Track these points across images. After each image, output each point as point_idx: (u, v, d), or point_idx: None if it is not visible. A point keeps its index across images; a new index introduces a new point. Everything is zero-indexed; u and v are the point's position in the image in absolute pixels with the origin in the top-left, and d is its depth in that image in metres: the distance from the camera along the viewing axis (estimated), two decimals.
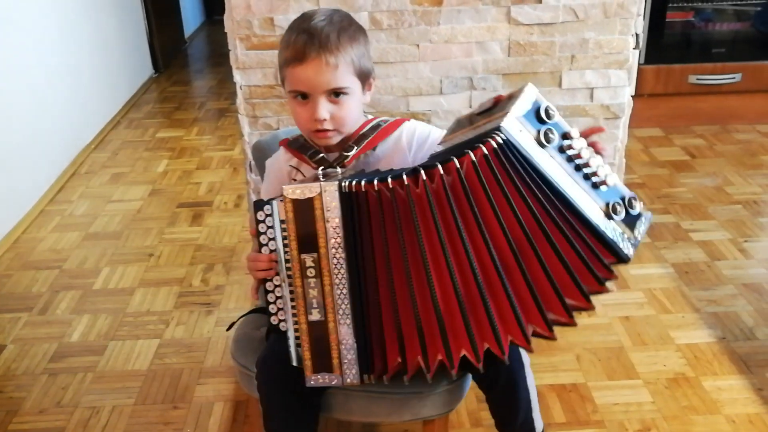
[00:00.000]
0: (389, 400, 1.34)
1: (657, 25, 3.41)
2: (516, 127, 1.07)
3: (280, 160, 1.38)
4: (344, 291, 1.17)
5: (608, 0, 1.91)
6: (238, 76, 1.95)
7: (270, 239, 1.21)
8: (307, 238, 1.15)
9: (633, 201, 1.16)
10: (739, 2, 3.62)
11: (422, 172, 1.07)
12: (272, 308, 1.24)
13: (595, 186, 1.14)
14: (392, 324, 1.15)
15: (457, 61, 1.97)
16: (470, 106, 2.01)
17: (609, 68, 1.99)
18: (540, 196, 1.07)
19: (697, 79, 3.47)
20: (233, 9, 1.88)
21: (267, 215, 1.19)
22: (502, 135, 1.05)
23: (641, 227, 1.17)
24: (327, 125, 1.23)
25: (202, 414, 1.82)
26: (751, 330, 2.05)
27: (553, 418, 1.75)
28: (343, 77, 1.21)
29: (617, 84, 2.01)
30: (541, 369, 1.91)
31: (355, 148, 1.29)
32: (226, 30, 1.91)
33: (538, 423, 1.36)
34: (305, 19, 1.23)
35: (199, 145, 3.67)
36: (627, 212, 1.16)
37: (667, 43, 3.49)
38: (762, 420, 1.72)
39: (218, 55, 5.55)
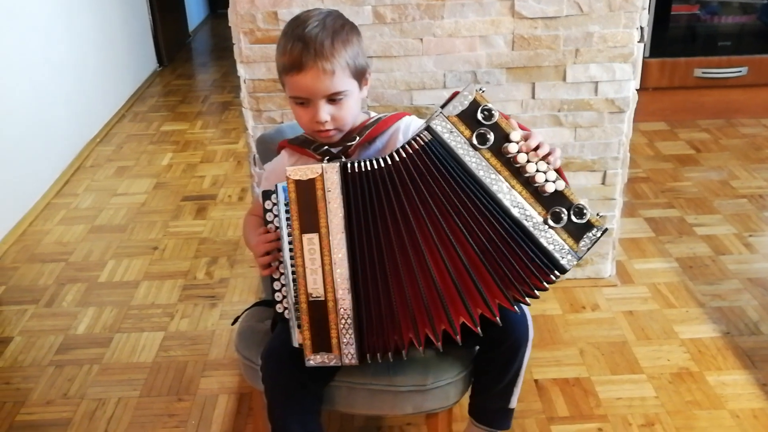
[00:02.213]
0: (392, 394, 1.34)
1: (662, 19, 3.39)
2: (446, 128, 1.15)
3: (283, 162, 1.40)
4: (344, 270, 1.19)
5: None
6: (242, 70, 1.95)
7: (277, 227, 1.23)
8: (308, 218, 1.18)
9: (581, 211, 1.16)
10: None
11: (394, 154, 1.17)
12: (278, 296, 1.26)
13: (536, 190, 1.16)
14: (390, 302, 1.19)
15: (461, 55, 1.96)
16: None
17: (614, 62, 1.99)
18: (468, 193, 1.15)
19: (703, 73, 3.46)
20: (237, 3, 1.88)
21: (274, 204, 1.23)
22: (427, 134, 1.15)
23: (588, 239, 1.17)
24: (328, 126, 1.27)
25: (206, 406, 1.83)
26: (755, 325, 2.05)
27: (557, 412, 1.76)
28: (340, 82, 1.24)
29: (622, 78, 2.00)
30: (544, 363, 1.92)
31: (358, 138, 1.32)
32: (230, 24, 1.92)
33: (514, 400, 1.40)
34: (299, 24, 1.25)
35: (203, 138, 3.67)
36: (570, 221, 1.16)
37: (672, 37, 3.47)
38: (766, 415, 1.72)
39: (222, 49, 5.55)
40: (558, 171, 1.19)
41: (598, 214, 1.19)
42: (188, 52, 5.56)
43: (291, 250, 1.20)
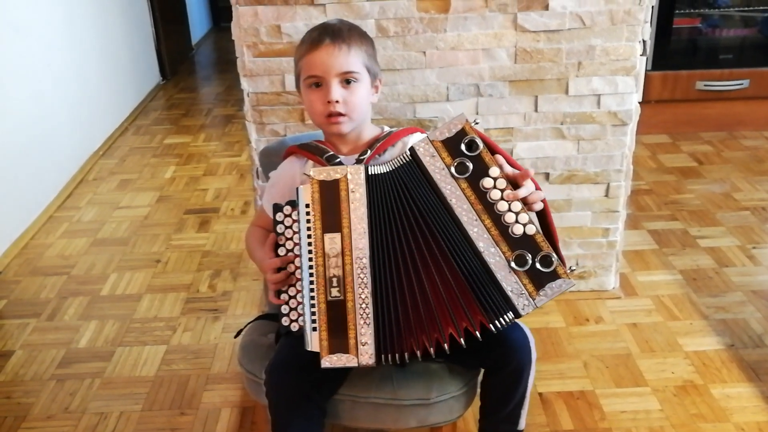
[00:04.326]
0: (396, 407, 1.34)
1: (664, 32, 3.41)
2: (428, 151, 1.19)
3: (295, 167, 1.40)
4: (365, 271, 1.20)
5: (615, 7, 1.91)
6: (245, 83, 1.96)
7: (287, 239, 1.24)
8: (331, 217, 1.20)
9: (547, 259, 1.16)
10: (746, 8, 3.61)
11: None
12: (284, 308, 1.25)
13: (506, 229, 1.16)
14: (410, 304, 1.20)
15: (464, 68, 1.97)
16: (477, 113, 2.01)
17: (616, 75, 1.99)
18: (434, 217, 1.18)
19: (705, 86, 3.46)
20: (240, 16, 1.88)
21: (286, 216, 1.24)
22: (409, 155, 1.20)
23: (550, 289, 1.16)
24: (339, 108, 1.31)
25: (209, 420, 1.82)
26: (759, 337, 2.04)
27: (561, 425, 1.75)
28: (354, 63, 1.31)
29: (624, 91, 2.01)
30: (548, 376, 1.91)
31: (369, 151, 1.35)
32: (233, 37, 1.92)
33: (523, 422, 1.39)
34: (321, 22, 1.38)
35: (207, 151, 3.68)
36: (535, 267, 1.16)
37: (674, 50, 3.49)
38: None
39: (225, 62, 5.58)
40: (545, 212, 1.20)
41: (571, 269, 1.18)
42: (191, 66, 5.59)
43: (310, 252, 1.21)
